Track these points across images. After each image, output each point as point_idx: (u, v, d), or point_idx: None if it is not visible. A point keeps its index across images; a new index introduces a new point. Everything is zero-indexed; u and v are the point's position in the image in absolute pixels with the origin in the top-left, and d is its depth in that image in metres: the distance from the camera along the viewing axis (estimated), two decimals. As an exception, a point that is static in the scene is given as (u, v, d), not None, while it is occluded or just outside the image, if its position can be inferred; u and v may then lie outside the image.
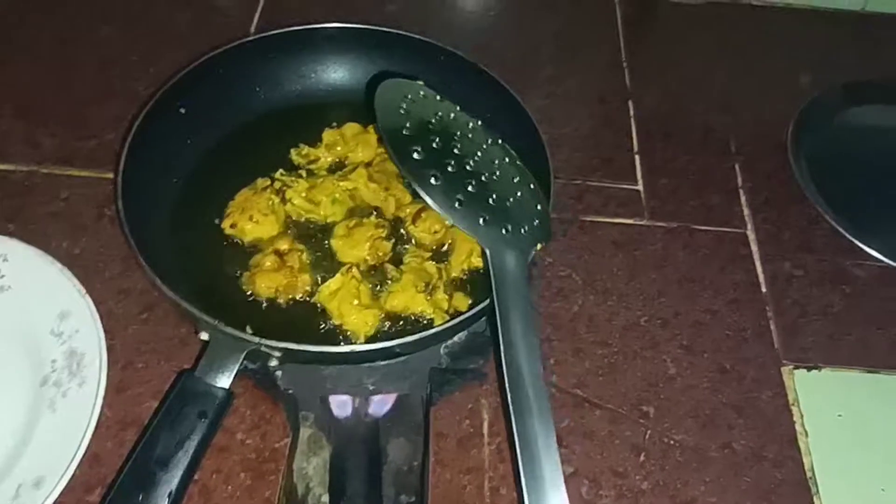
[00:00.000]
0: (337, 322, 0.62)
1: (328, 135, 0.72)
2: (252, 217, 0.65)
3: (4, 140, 0.73)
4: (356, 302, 0.61)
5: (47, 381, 0.57)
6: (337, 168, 0.71)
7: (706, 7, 0.97)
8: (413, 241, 0.67)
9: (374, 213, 0.68)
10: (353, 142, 0.72)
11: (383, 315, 0.62)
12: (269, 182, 0.68)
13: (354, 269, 0.63)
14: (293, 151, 0.72)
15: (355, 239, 0.65)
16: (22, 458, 0.53)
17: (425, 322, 0.62)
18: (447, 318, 0.62)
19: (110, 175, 0.71)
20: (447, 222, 0.64)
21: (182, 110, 0.69)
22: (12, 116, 0.75)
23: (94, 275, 0.64)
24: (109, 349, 0.59)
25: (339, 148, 0.72)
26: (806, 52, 0.93)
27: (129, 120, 0.75)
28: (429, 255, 0.66)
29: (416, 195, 0.63)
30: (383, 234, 0.66)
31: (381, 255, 0.65)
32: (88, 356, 0.57)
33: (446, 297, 0.63)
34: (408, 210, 0.69)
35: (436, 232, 0.67)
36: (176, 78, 0.68)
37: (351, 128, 0.73)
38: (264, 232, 0.65)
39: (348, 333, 0.61)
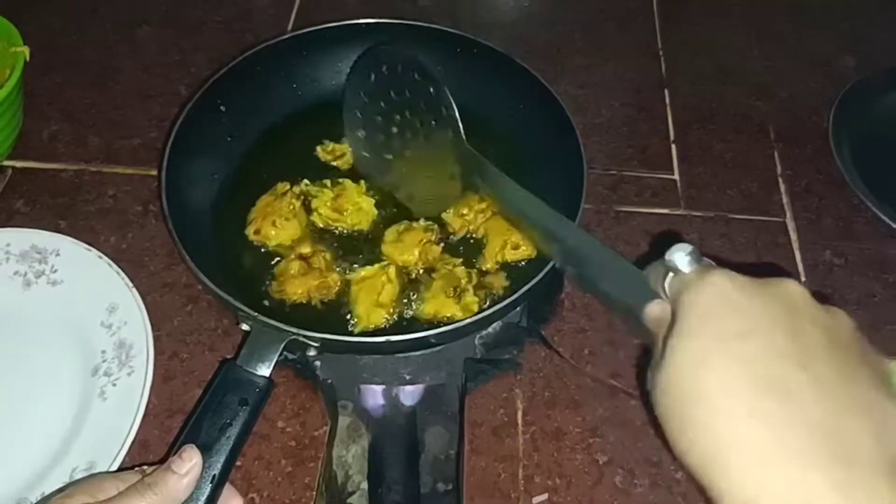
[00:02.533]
0: (350, 306, 0.63)
1: None
2: (275, 222, 0.66)
3: (54, 141, 0.76)
4: (376, 297, 0.62)
5: (98, 370, 0.59)
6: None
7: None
8: (447, 228, 0.68)
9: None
10: None
11: (390, 317, 0.63)
12: (288, 186, 0.69)
13: (391, 269, 0.64)
14: (319, 148, 0.73)
15: (406, 243, 0.66)
16: (75, 444, 0.56)
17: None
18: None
19: (154, 172, 0.73)
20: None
21: (222, 108, 0.71)
22: (61, 119, 0.78)
23: (140, 269, 0.66)
24: (156, 340, 0.61)
25: None
26: (846, 35, 0.91)
27: (171, 119, 0.77)
28: (459, 260, 0.66)
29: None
30: (433, 238, 0.67)
31: (430, 259, 0.66)
32: (136, 347, 0.60)
33: (476, 299, 0.63)
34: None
35: (464, 215, 0.67)
36: (216, 77, 0.69)
37: None
38: (287, 236, 0.66)
39: (353, 319, 0.63)
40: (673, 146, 0.79)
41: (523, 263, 0.66)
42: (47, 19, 0.86)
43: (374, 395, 0.68)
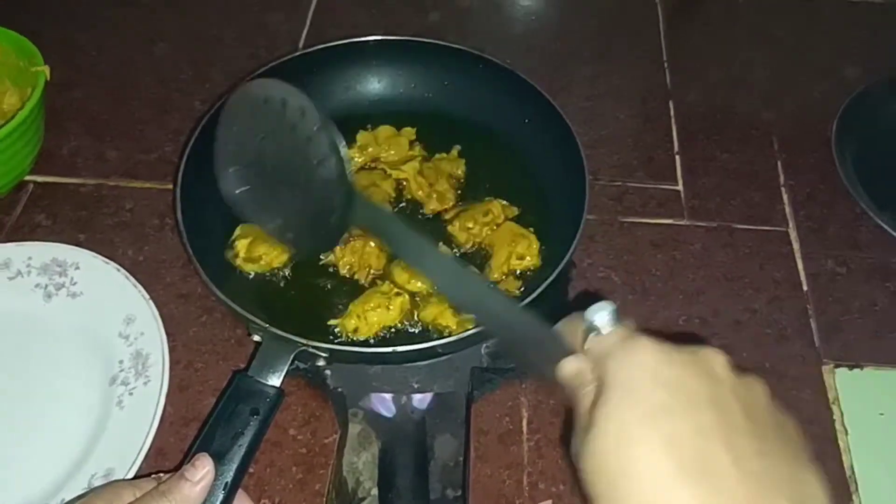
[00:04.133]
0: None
1: (362, 136, 0.75)
2: (260, 246, 0.67)
3: (74, 156, 0.79)
4: (388, 307, 0.64)
5: (116, 380, 0.61)
6: (370, 169, 0.74)
7: (748, 1, 0.97)
8: (453, 242, 0.70)
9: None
10: (385, 143, 0.75)
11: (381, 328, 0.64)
12: None
13: (401, 299, 0.65)
14: None
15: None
16: (94, 452, 0.58)
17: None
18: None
19: (170, 186, 0.76)
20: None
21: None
22: (80, 134, 0.80)
23: (157, 280, 0.68)
24: (171, 350, 0.63)
25: (370, 149, 0.75)
26: (850, 45, 0.92)
27: (188, 133, 0.79)
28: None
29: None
30: None
31: None
32: (153, 357, 0.62)
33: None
34: (451, 213, 0.71)
35: (470, 228, 0.69)
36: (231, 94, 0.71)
37: (384, 130, 0.76)
38: (277, 257, 0.67)
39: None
40: (677, 157, 0.80)
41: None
42: (67, 37, 0.88)
43: (385, 403, 0.70)
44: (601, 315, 0.37)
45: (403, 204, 0.73)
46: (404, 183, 0.73)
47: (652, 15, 0.95)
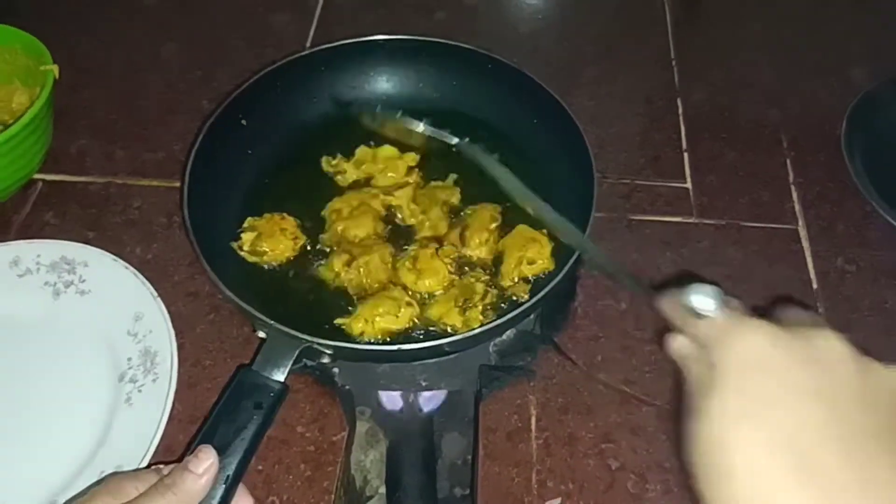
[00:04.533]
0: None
1: (361, 152, 0.74)
2: (265, 241, 0.67)
3: (83, 155, 0.79)
4: (397, 315, 0.64)
5: (124, 377, 0.62)
6: (363, 186, 0.73)
7: (755, 1, 0.97)
8: (472, 259, 0.69)
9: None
10: (382, 164, 0.74)
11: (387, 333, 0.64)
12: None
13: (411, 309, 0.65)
14: (324, 159, 0.74)
15: (424, 270, 0.67)
16: (103, 448, 0.58)
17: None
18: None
19: (178, 184, 0.76)
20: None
21: (243, 122, 0.73)
22: (89, 134, 0.81)
23: (164, 278, 0.68)
24: (179, 347, 0.63)
25: (365, 166, 0.74)
26: (859, 44, 0.91)
27: (195, 132, 0.79)
28: (487, 276, 0.67)
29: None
30: (452, 258, 0.68)
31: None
32: (161, 354, 0.62)
33: (480, 317, 0.64)
34: (451, 236, 0.70)
35: (486, 241, 0.68)
36: (238, 92, 0.72)
37: (386, 150, 0.74)
38: (282, 253, 0.68)
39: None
40: (685, 155, 0.80)
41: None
42: (75, 38, 0.88)
43: (392, 401, 0.70)
44: (704, 300, 0.37)
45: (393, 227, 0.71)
46: (396, 208, 0.72)
47: (659, 15, 0.95)
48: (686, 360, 0.37)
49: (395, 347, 0.60)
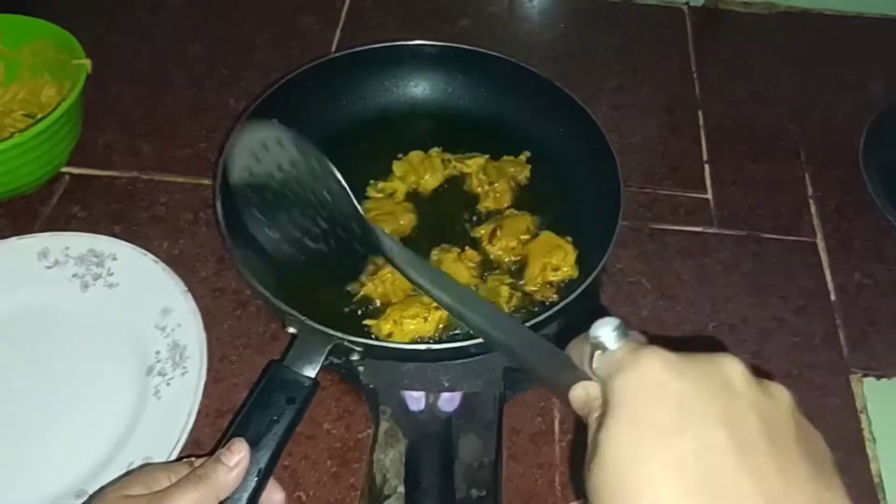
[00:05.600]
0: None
1: (398, 166, 0.74)
2: None
3: (109, 150, 0.80)
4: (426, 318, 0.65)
5: (153, 370, 0.62)
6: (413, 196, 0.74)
7: (775, 16, 0.98)
8: (494, 261, 0.69)
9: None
10: (420, 168, 0.74)
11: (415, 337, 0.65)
12: None
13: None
14: (369, 188, 0.73)
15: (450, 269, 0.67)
16: (131, 440, 0.58)
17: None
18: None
19: (205, 181, 0.76)
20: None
21: (274, 121, 0.73)
22: (116, 130, 0.81)
23: (192, 274, 0.69)
24: (207, 342, 0.63)
25: (412, 177, 0.74)
26: (878, 60, 0.93)
27: (222, 130, 0.80)
28: (510, 280, 0.68)
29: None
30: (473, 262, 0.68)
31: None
32: (190, 348, 0.62)
33: None
34: (482, 231, 0.70)
35: (513, 248, 0.69)
36: (271, 90, 0.72)
37: (416, 155, 0.75)
38: None
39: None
40: (706, 166, 0.81)
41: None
42: (104, 35, 0.89)
43: (414, 401, 0.70)
44: (605, 331, 0.34)
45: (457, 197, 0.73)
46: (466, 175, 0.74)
47: (681, 27, 0.96)
48: (588, 406, 0.35)
49: (423, 347, 0.61)
